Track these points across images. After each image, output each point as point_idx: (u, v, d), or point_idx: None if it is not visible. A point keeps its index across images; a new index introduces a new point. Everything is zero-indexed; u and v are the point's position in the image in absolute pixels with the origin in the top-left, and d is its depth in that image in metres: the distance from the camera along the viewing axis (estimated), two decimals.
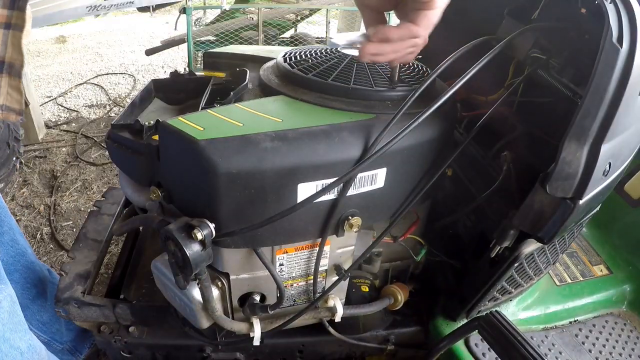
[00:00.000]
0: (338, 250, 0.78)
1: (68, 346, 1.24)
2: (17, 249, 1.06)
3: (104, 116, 3.05)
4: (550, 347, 0.96)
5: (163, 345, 0.95)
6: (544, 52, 0.75)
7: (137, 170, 0.72)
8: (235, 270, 0.75)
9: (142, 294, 1.00)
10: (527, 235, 0.71)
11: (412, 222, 0.88)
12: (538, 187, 0.64)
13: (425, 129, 0.68)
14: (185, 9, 2.57)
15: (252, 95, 0.78)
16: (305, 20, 3.50)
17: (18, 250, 1.06)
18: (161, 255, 0.75)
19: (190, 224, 0.59)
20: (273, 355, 0.98)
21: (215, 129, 0.60)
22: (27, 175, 2.37)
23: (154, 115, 0.84)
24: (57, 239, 1.94)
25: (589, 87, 0.59)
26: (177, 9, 3.93)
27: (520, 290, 0.94)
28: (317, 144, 0.61)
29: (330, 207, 0.66)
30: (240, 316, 0.81)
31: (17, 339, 0.83)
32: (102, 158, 2.54)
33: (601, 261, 1.16)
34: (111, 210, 1.17)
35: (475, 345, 0.90)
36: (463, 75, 0.65)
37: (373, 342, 0.97)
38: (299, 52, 0.84)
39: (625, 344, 1.00)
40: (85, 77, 3.70)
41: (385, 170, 0.67)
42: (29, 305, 1.10)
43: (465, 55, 0.71)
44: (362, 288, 0.92)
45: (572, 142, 0.61)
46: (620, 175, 0.76)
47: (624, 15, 0.60)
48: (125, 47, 4.53)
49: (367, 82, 0.71)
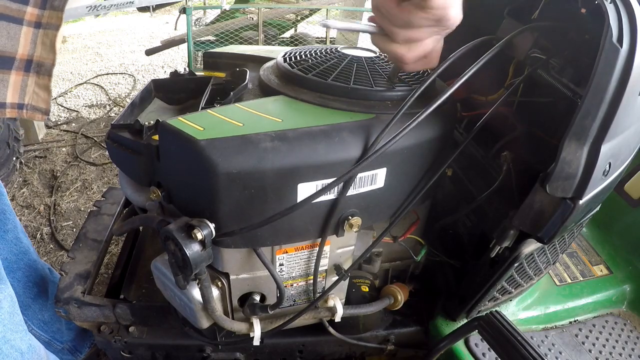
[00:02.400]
0: (338, 250, 0.78)
1: (68, 346, 1.25)
2: (21, 247, 1.06)
3: (104, 116, 3.05)
4: (550, 347, 0.96)
5: (163, 345, 0.95)
6: (544, 52, 0.75)
7: (137, 170, 0.72)
8: (235, 270, 0.75)
9: (142, 294, 1.00)
10: (527, 235, 0.71)
11: (412, 222, 0.88)
12: (538, 187, 0.64)
13: (425, 129, 0.68)
14: (185, 9, 2.58)
15: (252, 95, 0.78)
16: (305, 20, 3.50)
17: (21, 249, 1.07)
18: (161, 255, 0.75)
19: (190, 224, 0.59)
20: (273, 355, 0.98)
21: (215, 129, 0.60)
22: (27, 175, 2.37)
23: (154, 115, 0.84)
24: (57, 239, 1.94)
25: (589, 87, 0.59)
26: (177, 9, 3.93)
27: (520, 290, 0.94)
28: (317, 144, 0.61)
29: (330, 207, 0.66)
30: (240, 316, 0.81)
31: (18, 340, 0.83)
32: (102, 158, 2.55)
33: (601, 261, 1.16)
34: (111, 210, 1.17)
35: (475, 345, 0.90)
36: (462, 74, 0.65)
37: (373, 342, 0.97)
38: (299, 52, 0.84)
39: (625, 344, 1.00)
40: (85, 77, 3.70)
41: (385, 170, 0.67)
42: (31, 305, 1.10)
43: (465, 55, 0.71)
44: (362, 288, 0.92)
45: (572, 142, 0.61)
46: (620, 175, 0.76)
47: (624, 15, 0.60)
48: (125, 47, 4.53)
49: (367, 82, 0.71)
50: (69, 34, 4.86)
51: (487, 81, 0.83)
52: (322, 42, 3.26)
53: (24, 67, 0.65)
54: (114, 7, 3.27)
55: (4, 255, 1.02)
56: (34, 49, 0.65)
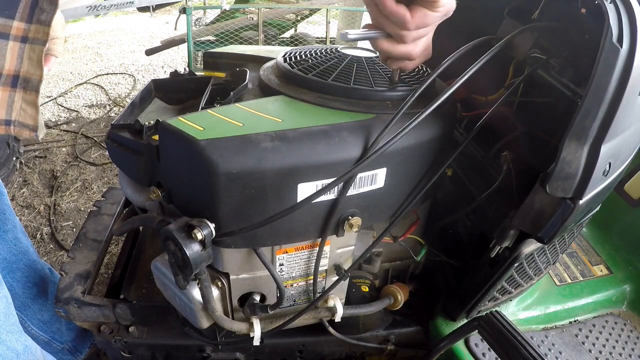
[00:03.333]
0: (338, 250, 0.78)
1: (68, 346, 1.24)
2: (20, 247, 1.06)
3: (104, 116, 3.05)
4: (550, 347, 0.96)
5: (163, 345, 0.95)
6: (544, 52, 0.75)
7: (137, 170, 0.72)
8: (235, 270, 0.75)
9: (142, 294, 1.00)
10: (527, 235, 0.71)
11: (412, 222, 0.88)
12: (538, 187, 0.64)
13: (425, 129, 0.68)
14: (185, 9, 2.58)
15: (252, 95, 0.78)
16: (305, 20, 3.50)
17: (21, 249, 1.06)
18: (161, 255, 0.75)
19: (190, 224, 0.59)
20: (273, 355, 0.98)
21: (215, 129, 0.60)
22: (27, 175, 2.37)
23: (154, 115, 0.84)
24: (57, 239, 1.94)
25: (589, 87, 0.59)
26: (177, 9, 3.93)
27: (520, 290, 0.94)
28: (317, 144, 0.61)
29: (330, 207, 0.66)
30: (240, 316, 0.81)
31: (14, 341, 0.83)
32: (102, 158, 2.55)
33: (601, 261, 1.16)
34: (111, 210, 1.17)
35: (475, 345, 0.90)
36: (462, 74, 0.65)
37: (373, 342, 0.97)
38: (299, 52, 0.84)
39: (625, 344, 1.00)
40: (85, 77, 3.70)
41: (385, 170, 0.67)
42: (30, 305, 1.10)
43: (466, 55, 0.71)
44: (362, 288, 0.92)
45: (572, 142, 0.61)
46: (620, 175, 0.76)
47: (624, 15, 0.60)
48: (125, 47, 4.53)
49: (367, 82, 0.71)
50: (69, 34, 4.86)
51: (487, 81, 0.83)
52: (322, 42, 3.26)
53: (10, 83, 0.64)
54: (114, 7, 3.27)
55: (4, 255, 1.01)
56: (21, 64, 0.64)
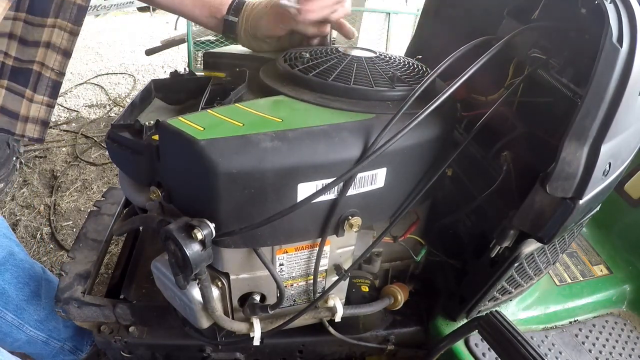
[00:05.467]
0: (338, 250, 0.78)
1: (68, 345, 1.24)
2: (5, 248, 1.06)
3: (104, 116, 3.05)
4: (550, 347, 0.96)
5: (163, 345, 0.95)
6: (544, 52, 0.75)
7: (137, 170, 0.72)
8: (235, 270, 0.75)
9: (142, 294, 1.00)
10: (527, 235, 0.71)
11: (412, 222, 0.88)
12: (538, 187, 0.64)
13: (425, 129, 0.68)
14: None
15: (252, 95, 0.78)
16: None
17: (7, 250, 1.06)
18: (161, 255, 0.75)
19: (190, 223, 0.59)
20: (273, 355, 0.98)
21: (215, 129, 0.60)
22: (27, 175, 2.37)
23: (154, 115, 0.84)
24: (57, 239, 1.94)
25: (589, 87, 0.59)
26: None
27: (520, 290, 0.94)
28: (317, 144, 0.61)
29: (330, 207, 0.66)
30: (240, 316, 0.81)
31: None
32: (102, 158, 2.55)
33: (601, 261, 1.16)
34: (111, 210, 1.17)
35: (475, 345, 0.90)
36: (462, 74, 0.65)
37: (373, 342, 0.97)
38: (299, 52, 0.84)
39: (625, 344, 1.00)
40: (85, 77, 3.70)
41: (385, 170, 0.67)
42: (25, 307, 1.10)
43: (466, 55, 0.71)
44: (362, 288, 0.92)
45: (572, 142, 0.61)
46: (620, 175, 0.76)
47: (624, 15, 0.60)
48: (125, 47, 4.53)
49: (367, 82, 0.71)
50: None
51: (487, 81, 0.83)
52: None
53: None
54: (114, 7, 3.27)
55: None
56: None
